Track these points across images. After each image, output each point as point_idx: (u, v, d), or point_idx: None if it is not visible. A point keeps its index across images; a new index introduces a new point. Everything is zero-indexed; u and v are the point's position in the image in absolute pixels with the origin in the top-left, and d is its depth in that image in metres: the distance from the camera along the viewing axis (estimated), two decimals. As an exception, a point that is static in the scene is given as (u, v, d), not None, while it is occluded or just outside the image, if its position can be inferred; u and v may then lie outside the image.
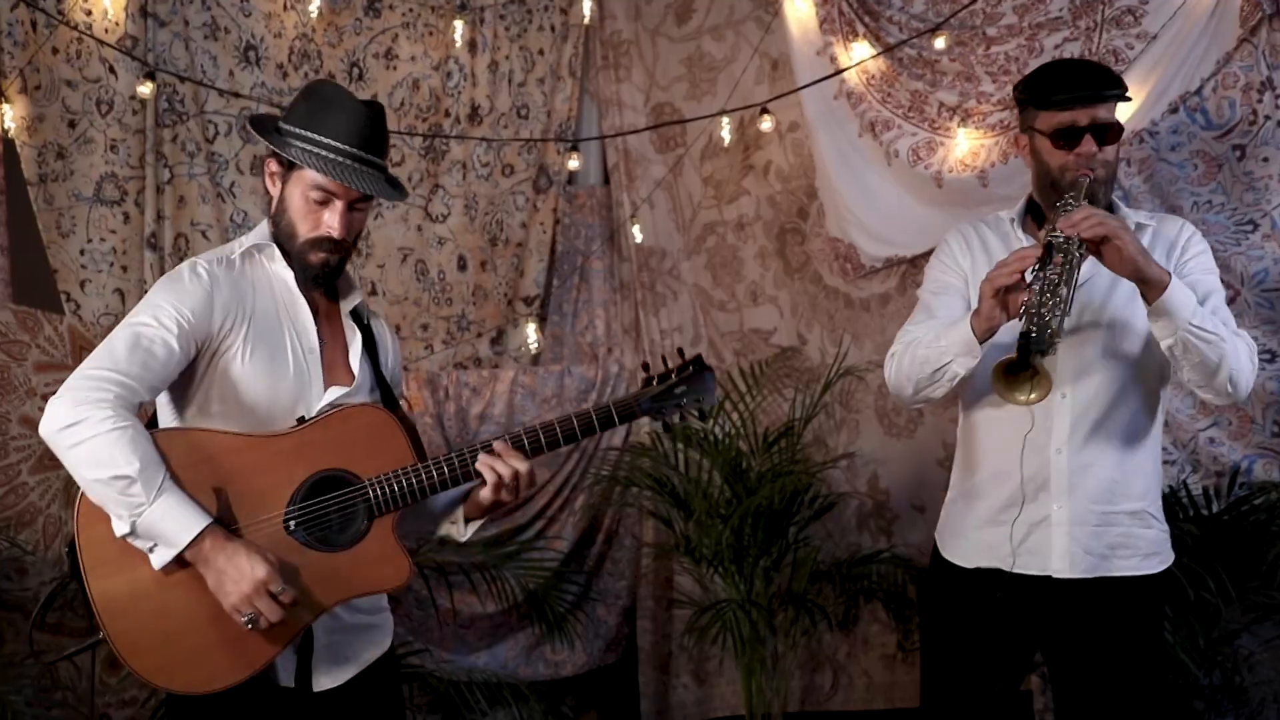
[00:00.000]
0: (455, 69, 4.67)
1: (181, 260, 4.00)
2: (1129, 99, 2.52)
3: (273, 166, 2.21)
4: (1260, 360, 2.68)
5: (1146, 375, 2.46)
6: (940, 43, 3.84)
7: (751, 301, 4.71)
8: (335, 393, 2.20)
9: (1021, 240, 2.52)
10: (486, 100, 4.75)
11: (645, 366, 2.30)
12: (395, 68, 4.57)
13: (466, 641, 4.50)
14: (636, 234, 4.81)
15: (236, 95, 4.20)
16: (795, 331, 4.58)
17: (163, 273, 3.98)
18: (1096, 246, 2.25)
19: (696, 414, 2.26)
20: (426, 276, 4.69)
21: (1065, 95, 2.43)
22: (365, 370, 2.27)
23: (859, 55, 4.03)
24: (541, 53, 4.87)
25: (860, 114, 4.05)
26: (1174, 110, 3.42)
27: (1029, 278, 2.23)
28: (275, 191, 2.21)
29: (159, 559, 2.01)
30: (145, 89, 3.87)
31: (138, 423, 2.02)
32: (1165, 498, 3.40)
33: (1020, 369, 2.18)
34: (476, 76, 4.73)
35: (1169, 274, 2.27)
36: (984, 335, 2.32)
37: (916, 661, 4.14)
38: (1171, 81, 3.41)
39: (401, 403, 2.43)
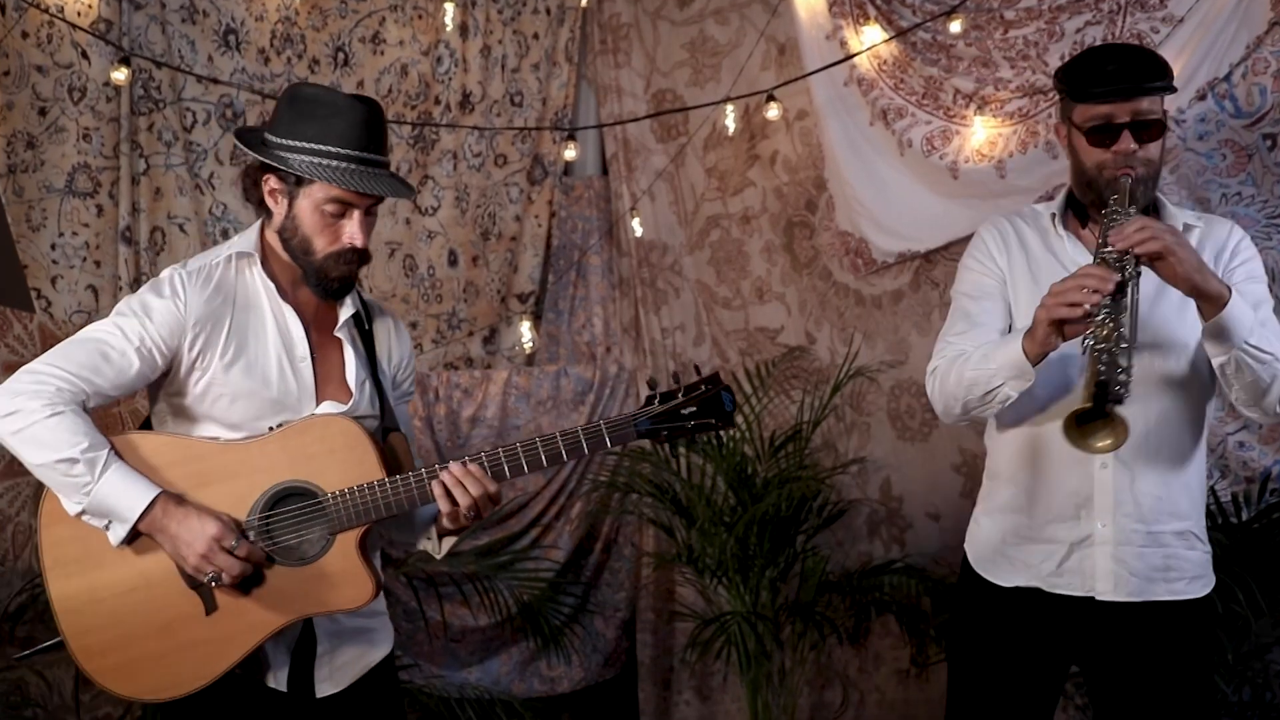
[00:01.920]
0: (445, 54, 4.67)
1: (158, 255, 4.06)
2: (1175, 89, 2.47)
3: (273, 183, 2.19)
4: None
5: (1193, 389, 2.43)
6: (956, 26, 3.84)
7: (757, 299, 4.71)
8: (330, 409, 2.22)
9: (1063, 238, 2.49)
10: (478, 87, 4.75)
11: (652, 383, 2.22)
12: (382, 53, 4.57)
13: (458, 656, 4.51)
14: (636, 227, 4.81)
15: (216, 81, 4.20)
16: (803, 330, 4.58)
17: (138, 268, 4.00)
18: (1154, 260, 2.22)
19: (715, 437, 2.20)
20: (415, 272, 4.69)
21: (1103, 88, 2.37)
22: (365, 386, 2.28)
23: (870, 39, 4.03)
24: (536, 37, 4.88)
25: (872, 101, 4.05)
26: (1201, 97, 3.42)
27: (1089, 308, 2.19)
28: (280, 209, 2.20)
29: (115, 536, 2.09)
30: (120, 75, 3.88)
31: (77, 408, 2.08)
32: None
33: (1095, 417, 2.16)
34: (468, 62, 4.73)
35: (1229, 288, 2.24)
36: (1037, 359, 2.28)
37: (931, 678, 4.14)
38: (1199, 67, 3.41)
39: (407, 407, 2.43)
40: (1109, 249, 2.22)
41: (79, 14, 3.90)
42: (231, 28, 4.25)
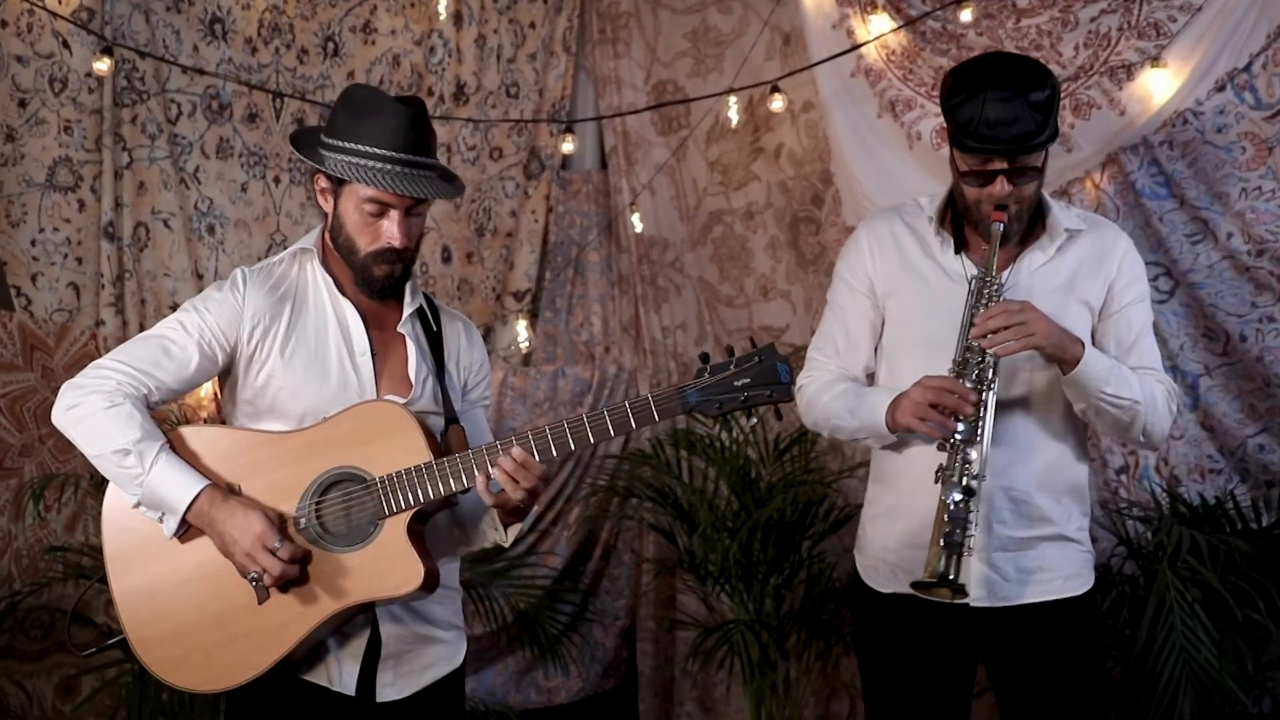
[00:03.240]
0: (439, 44, 4.67)
1: (141, 251, 4.07)
2: (1056, 138, 2.49)
3: (322, 183, 2.31)
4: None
5: (1058, 404, 2.53)
6: (966, 15, 3.84)
7: (761, 296, 4.72)
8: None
9: (933, 245, 2.57)
10: (473, 78, 4.75)
11: (704, 356, 2.20)
12: (374, 42, 4.58)
13: (451, 666, 4.50)
14: (636, 223, 4.81)
15: (201, 72, 4.20)
16: (809, 329, 4.58)
17: (120, 265, 4.02)
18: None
19: (774, 411, 2.21)
20: (408, 269, 4.69)
21: (979, 144, 2.39)
22: (428, 382, 2.35)
23: (878, 29, 4.03)
24: (533, 26, 4.88)
25: (879, 93, 4.06)
26: (1220, 88, 3.43)
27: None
28: (328, 208, 2.32)
29: (168, 527, 2.19)
30: (102, 65, 3.88)
31: (136, 402, 2.21)
32: (1211, 509, 3.44)
33: (942, 584, 2.34)
34: (462, 52, 4.73)
35: (1083, 347, 2.39)
36: (898, 431, 2.47)
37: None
38: (1218, 57, 3.42)
39: (480, 411, 2.48)
40: (973, 343, 2.38)
41: (60, 2, 3.90)
42: (218, 16, 4.26)
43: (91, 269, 4.00)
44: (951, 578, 2.31)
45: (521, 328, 4.82)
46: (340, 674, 2.28)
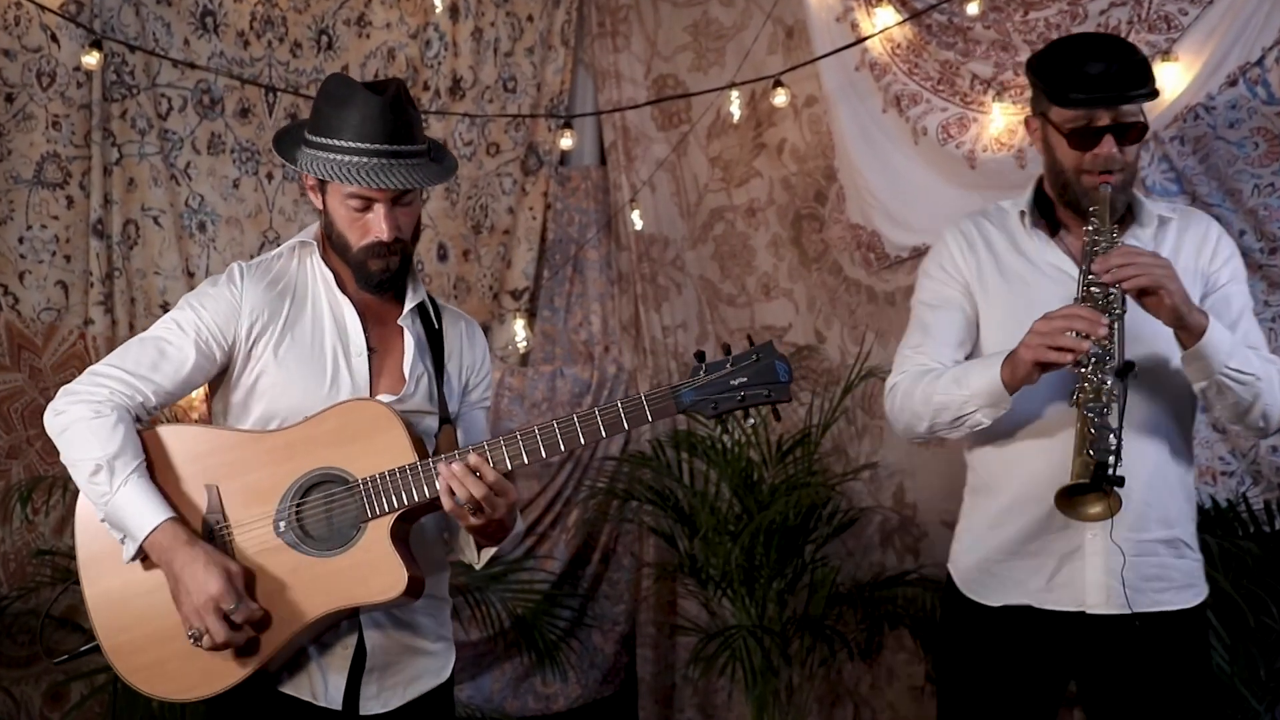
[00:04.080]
0: (435, 37, 4.67)
1: (131, 249, 4.06)
2: (1158, 94, 2.49)
3: (310, 180, 2.29)
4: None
5: (1180, 395, 2.47)
6: (973, 8, 3.84)
7: (764, 295, 4.71)
8: (383, 400, 2.25)
9: (1033, 237, 2.51)
10: (469, 72, 4.75)
11: (699, 355, 2.14)
12: (368, 36, 4.58)
13: (447, 672, 4.51)
14: (636, 220, 4.81)
15: (192, 66, 4.20)
16: (812, 328, 4.58)
17: (110, 263, 4.01)
18: (1139, 295, 2.28)
19: (768, 408, 2.13)
20: (403, 267, 4.69)
21: (1084, 94, 2.38)
22: (423, 380, 2.32)
23: (883, 21, 4.03)
24: (530, 19, 4.88)
25: (884, 87, 4.06)
26: (1232, 83, 3.42)
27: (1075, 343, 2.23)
28: (319, 204, 2.30)
29: (126, 552, 2.15)
30: (91, 59, 3.87)
31: (124, 414, 2.17)
32: (1224, 512, 3.43)
33: (1090, 490, 2.21)
34: (458, 45, 4.73)
35: (1207, 317, 2.30)
36: (1015, 389, 2.33)
37: (947, 694, 4.14)
38: (1229, 51, 3.41)
39: (480, 412, 2.45)
40: (1094, 277, 2.25)
41: (48, -5, 3.90)
42: (209, 9, 4.25)
43: (80, 267, 4.00)
44: (1111, 472, 2.14)
45: (519, 327, 4.82)
46: (325, 687, 2.23)
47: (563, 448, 2.12)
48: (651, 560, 4.72)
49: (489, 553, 2.29)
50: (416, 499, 2.14)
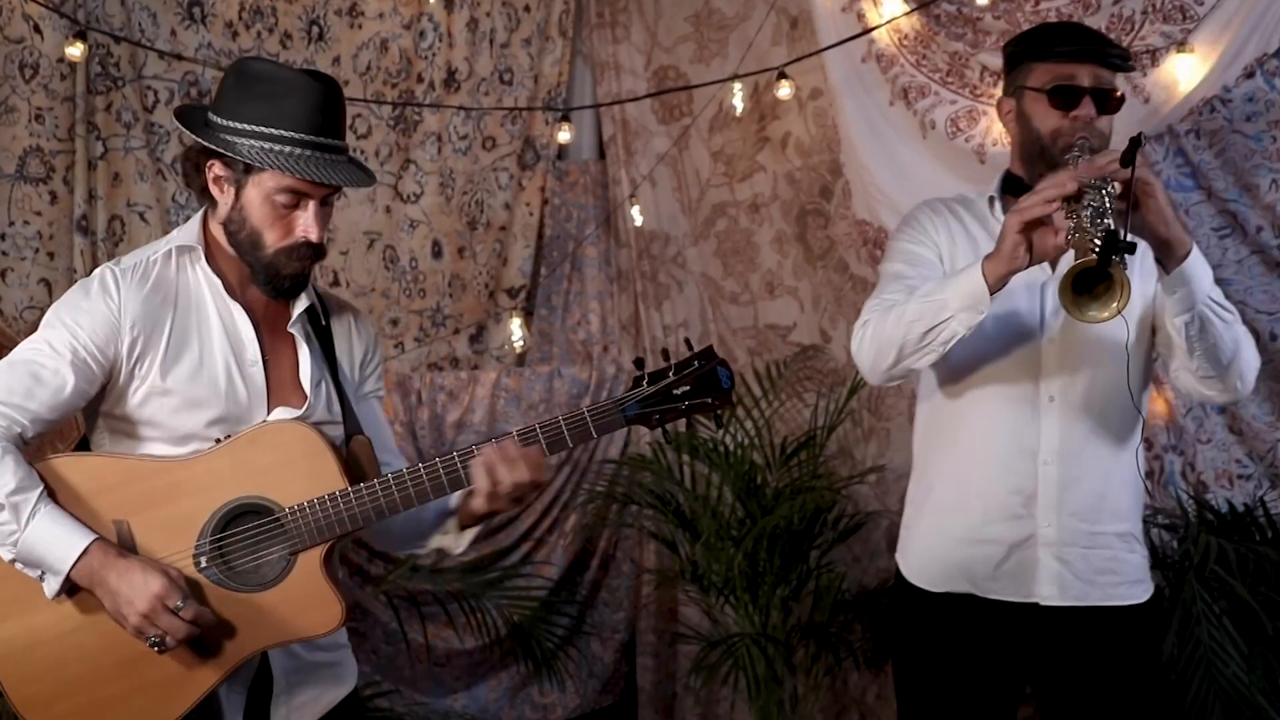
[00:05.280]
0: (429, 27, 4.67)
1: (117, 245, 4.06)
2: (1133, 69, 2.54)
3: (218, 169, 2.15)
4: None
5: (1134, 377, 2.47)
6: (983, -2, 3.85)
7: (767, 293, 4.72)
8: (282, 414, 2.17)
9: (996, 227, 2.47)
10: (465, 63, 4.75)
11: (638, 362, 2.15)
12: (360, 26, 4.57)
13: (442, 681, 4.51)
14: (636, 216, 4.81)
15: (179, 58, 4.20)
16: (817, 327, 4.59)
17: (94, 260, 4.00)
18: (1124, 195, 2.21)
19: (714, 418, 2.14)
20: (396, 265, 4.69)
21: (1070, 47, 2.45)
22: (322, 388, 2.24)
23: (890, 11, 4.03)
24: (527, 9, 4.88)
25: (892, 79, 4.06)
26: (1249, 75, 3.42)
27: (1058, 219, 2.18)
28: (225, 199, 2.16)
29: (49, 588, 2.04)
30: (75, 50, 3.87)
31: (9, 445, 2.04)
32: (1240, 516, 3.44)
33: (1097, 280, 2.11)
34: (453, 36, 4.73)
35: (1191, 237, 2.28)
36: (998, 284, 2.25)
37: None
38: (1247, 42, 3.41)
39: (379, 406, 2.41)
40: (1084, 178, 2.19)
41: (31, -16, 3.90)
42: (196, -1, 4.26)
43: (64, 264, 4.00)
44: (1123, 238, 2.05)
45: (515, 326, 4.82)
46: (228, 715, 2.15)
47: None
48: (652, 566, 4.72)
49: (472, 535, 2.25)
50: (350, 528, 2.09)
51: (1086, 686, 2.49)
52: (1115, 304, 2.10)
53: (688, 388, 2.09)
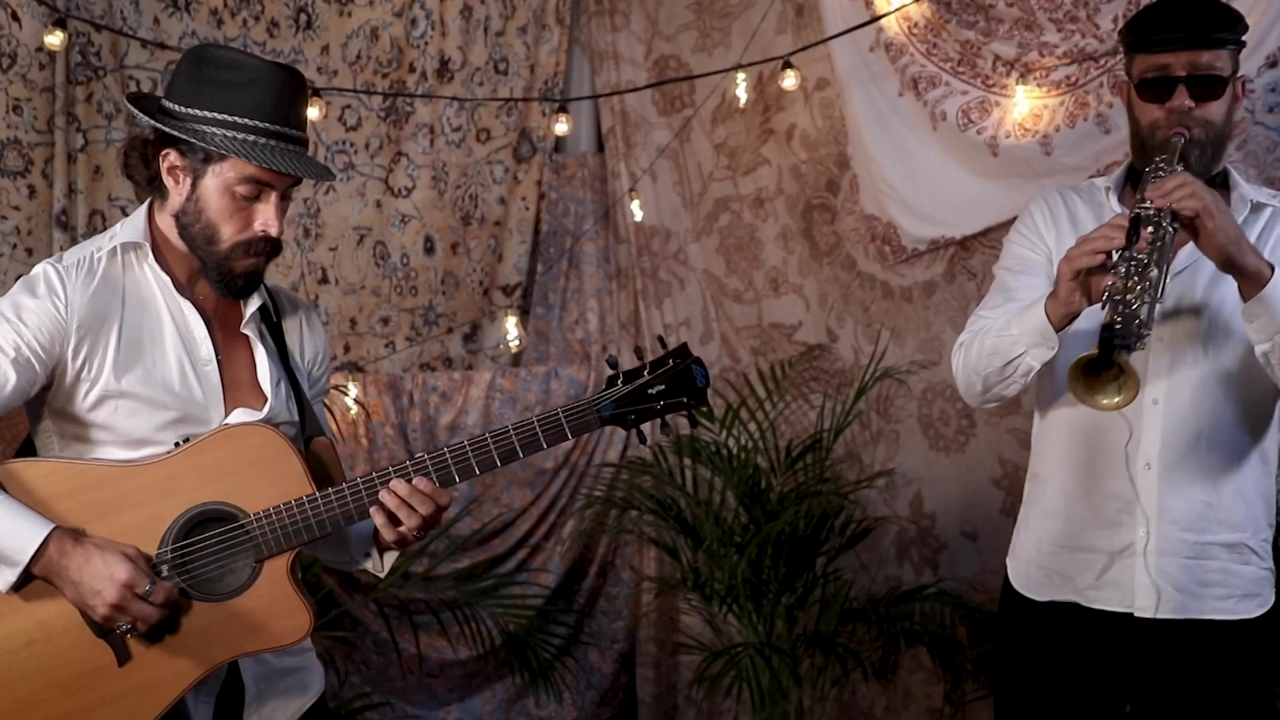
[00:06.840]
0: (421, 15, 4.67)
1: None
2: (1243, 44, 2.49)
3: (174, 159, 2.13)
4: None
5: (1255, 382, 2.44)
6: (995, -16, 3.85)
7: (772, 291, 4.71)
8: (242, 416, 2.17)
9: (1116, 212, 2.50)
10: (458, 53, 4.75)
11: (611, 362, 2.16)
12: (350, 14, 4.57)
13: (435, 693, 4.51)
14: (636, 211, 4.81)
15: (162, 47, 4.20)
16: (824, 326, 4.58)
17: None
18: (1190, 223, 2.25)
19: (688, 417, 2.16)
20: (387, 261, 4.69)
21: (1160, 34, 2.42)
22: (281, 388, 2.24)
23: (899, -1, 4.04)
24: (523, -4, 4.88)
25: (901, 69, 4.06)
26: (1272, 64, 3.42)
27: (1115, 257, 2.22)
28: (180, 189, 2.15)
29: (3, 582, 2.01)
30: (55, 39, 3.87)
31: None
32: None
33: (1103, 367, 2.16)
34: (446, 24, 4.73)
35: (1270, 266, 2.27)
36: (1061, 323, 2.30)
37: (967, 717, 4.14)
38: (1270, 30, 3.41)
39: (322, 406, 2.41)
40: (1146, 204, 2.24)
41: (9, -30, 3.90)
42: (180, -14, 4.26)
43: (42, 260, 3.99)
44: (1128, 341, 2.10)
45: (511, 325, 4.82)
46: (192, 718, 2.15)
47: (477, 471, 2.12)
48: (652, 574, 4.72)
49: (393, 558, 2.26)
50: (318, 534, 2.10)
51: (1185, 706, 2.46)
52: (1121, 396, 2.17)
53: (662, 387, 2.13)
